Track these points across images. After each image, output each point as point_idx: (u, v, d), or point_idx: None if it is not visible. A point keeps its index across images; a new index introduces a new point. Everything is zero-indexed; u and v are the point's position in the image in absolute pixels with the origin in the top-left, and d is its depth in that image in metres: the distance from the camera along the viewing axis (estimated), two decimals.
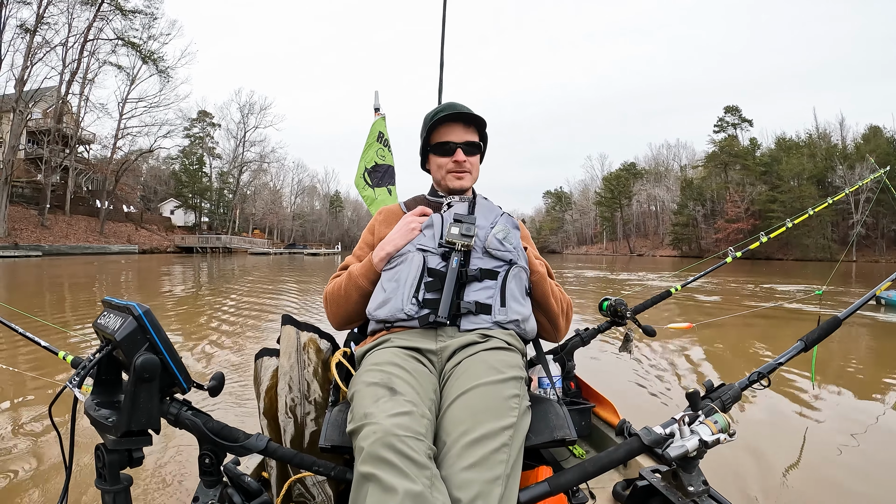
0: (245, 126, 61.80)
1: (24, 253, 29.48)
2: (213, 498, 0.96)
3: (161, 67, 43.82)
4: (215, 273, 19.28)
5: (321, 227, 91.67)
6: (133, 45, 41.82)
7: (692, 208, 62.14)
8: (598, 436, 1.77)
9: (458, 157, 1.45)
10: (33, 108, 36.06)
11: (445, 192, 1.52)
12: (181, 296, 10.64)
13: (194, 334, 5.70)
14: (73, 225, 39.48)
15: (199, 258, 34.85)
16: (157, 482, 2.12)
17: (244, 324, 6.40)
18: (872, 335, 6.29)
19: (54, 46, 36.88)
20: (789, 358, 1.30)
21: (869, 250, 46.68)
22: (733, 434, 0.98)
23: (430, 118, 1.47)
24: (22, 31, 35.06)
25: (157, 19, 42.12)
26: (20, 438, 2.59)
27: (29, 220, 36.07)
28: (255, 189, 69.41)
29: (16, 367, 3.91)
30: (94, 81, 41.35)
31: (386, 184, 2.91)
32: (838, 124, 55.92)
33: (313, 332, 1.40)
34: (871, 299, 1.56)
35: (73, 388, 0.82)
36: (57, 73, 37.70)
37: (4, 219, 32.66)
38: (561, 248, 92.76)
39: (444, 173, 1.47)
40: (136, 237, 44.42)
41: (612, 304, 1.85)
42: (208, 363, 4.35)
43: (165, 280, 15.12)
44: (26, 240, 32.97)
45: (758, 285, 13.01)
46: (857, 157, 48.18)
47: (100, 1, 38.27)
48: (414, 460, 0.84)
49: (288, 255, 50.17)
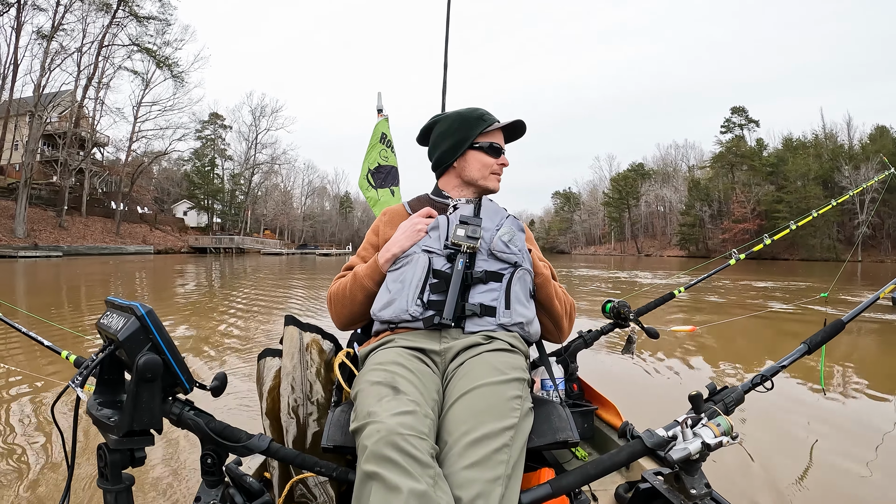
0: (257, 129, 62.25)
1: (45, 253, 29.80)
2: (215, 498, 0.96)
3: (175, 72, 44.20)
4: (238, 271, 19.57)
5: (331, 228, 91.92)
6: (148, 52, 42.24)
7: (699, 209, 61.83)
8: (601, 438, 1.75)
9: (504, 161, 1.49)
10: (51, 113, 36.48)
11: (468, 189, 1.51)
12: (224, 292, 10.93)
13: (246, 338, 5.71)
14: (89, 226, 39.87)
15: (213, 258, 35.11)
16: (159, 482, 2.11)
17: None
18: (884, 337, 6.17)
19: (71, 53, 37.43)
20: (792, 361, 1.28)
21: (875, 250, 46.37)
22: (736, 437, 0.96)
23: (479, 118, 1.46)
24: (39, 36, 35.55)
25: (170, 25, 42.56)
26: (21, 438, 2.58)
27: (47, 221, 36.47)
28: (266, 190, 69.72)
29: (17, 366, 3.91)
30: (110, 86, 41.85)
31: (389, 185, 2.90)
32: (846, 124, 55.53)
33: (316, 333, 1.40)
34: (875, 301, 1.53)
35: (75, 387, 0.82)
36: (72, 78, 38.29)
37: (24, 220, 33.05)
38: (569, 249, 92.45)
39: (488, 173, 1.48)
40: (150, 238, 44.77)
41: (615, 306, 1.82)
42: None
43: (197, 278, 15.44)
44: (45, 240, 33.32)
45: (761, 288, 12.88)
46: (862, 158, 47.74)
47: (115, 8, 38.67)
48: (418, 459, 0.83)
49: (300, 256, 50.44)
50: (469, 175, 1.48)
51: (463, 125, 1.46)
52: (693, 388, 1.08)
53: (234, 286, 12.72)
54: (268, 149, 63.64)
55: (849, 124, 55.30)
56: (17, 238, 31.89)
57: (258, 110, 62.33)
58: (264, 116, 62.21)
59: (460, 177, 1.50)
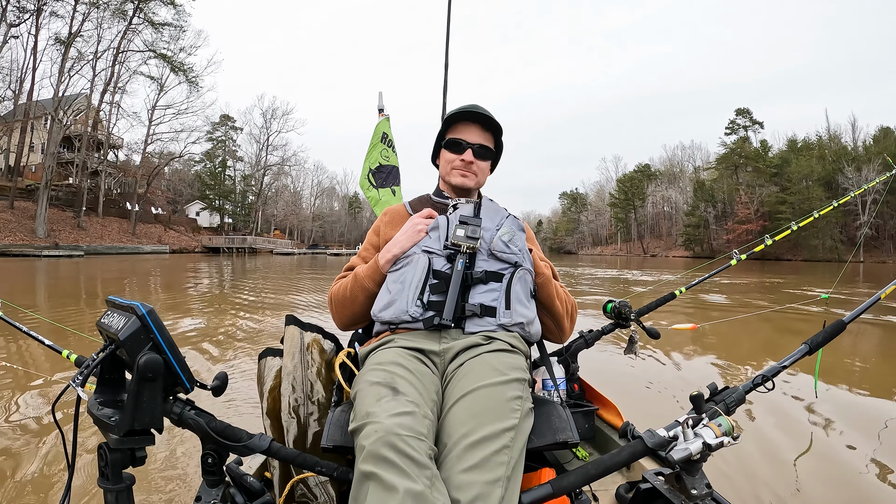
0: (268, 131, 62.49)
1: (67, 253, 30.12)
2: (216, 497, 0.95)
3: (191, 78, 44.49)
4: (259, 269, 19.95)
5: (340, 228, 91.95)
6: (164, 58, 42.53)
7: (703, 210, 61.47)
8: (602, 438, 1.72)
9: (466, 156, 1.43)
10: (71, 117, 36.88)
11: (448, 188, 1.50)
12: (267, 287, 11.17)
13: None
14: (106, 226, 40.22)
15: (226, 258, 35.31)
16: (160, 481, 2.08)
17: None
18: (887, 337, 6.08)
19: (89, 60, 37.80)
20: (793, 361, 1.26)
21: (877, 251, 46.00)
22: (737, 437, 0.94)
23: (449, 115, 1.45)
24: (56, 42, 35.94)
25: (185, 31, 42.85)
26: (22, 437, 2.55)
27: (65, 221, 36.84)
28: (276, 191, 69.96)
29: (18, 364, 3.89)
30: (126, 90, 42.20)
31: (390, 184, 2.87)
32: (850, 125, 55.02)
33: (317, 333, 1.38)
34: (876, 302, 1.50)
35: (76, 386, 0.81)
36: (88, 82, 38.69)
37: (45, 220, 33.42)
38: (576, 249, 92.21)
39: (450, 169, 1.45)
40: (165, 238, 45.07)
41: (616, 306, 1.80)
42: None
43: (229, 276, 15.75)
44: (65, 240, 33.69)
45: (763, 287, 12.77)
46: (864, 159, 47.31)
47: (131, 14, 38.99)
48: (415, 460, 0.82)
49: (311, 256, 50.67)
50: (441, 173, 1.49)
51: (443, 124, 1.48)
52: (694, 389, 1.05)
53: (268, 278, 13.07)
54: (279, 150, 63.97)
55: (853, 125, 54.83)
56: (38, 238, 32.26)
57: (269, 113, 62.64)
58: (275, 119, 62.51)
59: (440, 176, 1.51)
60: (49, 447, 2.41)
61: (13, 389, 3.32)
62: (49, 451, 2.37)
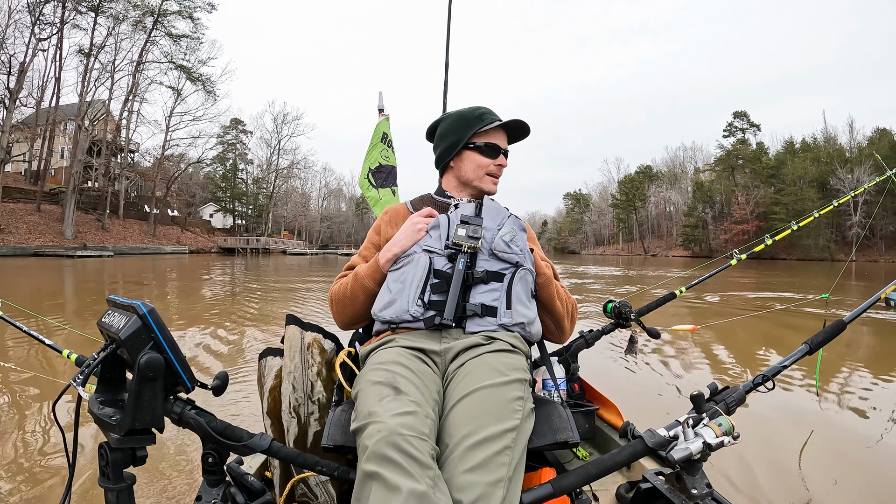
0: (279, 135, 62.63)
1: (97, 253, 30.56)
2: (216, 497, 0.92)
3: (209, 88, 44.86)
4: (278, 268, 19.96)
5: (348, 229, 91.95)
6: (183, 69, 42.95)
7: (702, 210, 61.23)
8: (602, 438, 1.69)
9: (502, 161, 1.40)
10: (96, 126, 37.36)
11: (462, 189, 1.44)
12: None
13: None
14: (127, 228, 40.59)
15: (241, 258, 35.54)
16: (160, 481, 2.05)
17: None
18: (882, 336, 6.00)
19: (111, 72, 38.28)
20: (794, 361, 1.22)
21: (870, 250, 45.81)
22: (737, 437, 0.91)
23: (478, 117, 1.38)
24: (80, 54, 36.37)
25: (202, 43, 43.21)
26: (22, 437, 2.54)
27: (90, 224, 37.23)
28: (286, 192, 70.13)
29: (19, 364, 3.88)
30: (145, 98, 42.59)
31: (389, 184, 2.83)
32: (848, 126, 54.50)
33: (317, 332, 1.36)
34: (876, 302, 1.45)
35: (76, 386, 0.79)
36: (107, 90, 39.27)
37: (72, 223, 33.85)
38: (579, 249, 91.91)
39: (483, 174, 1.40)
40: (183, 239, 45.44)
41: (617, 307, 1.76)
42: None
43: (268, 274, 15.99)
44: (91, 241, 34.14)
45: (763, 287, 12.66)
46: (857, 161, 46.96)
47: (150, 27, 39.40)
48: (418, 460, 0.80)
49: (322, 256, 50.95)
50: (465, 175, 1.41)
51: (462, 124, 1.40)
52: (694, 388, 1.02)
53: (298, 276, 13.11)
54: (289, 154, 64.13)
55: (851, 126, 54.26)
56: (66, 239, 32.67)
57: (280, 117, 62.72)
58: (286, 123, 62.62)
59: (457, 177, 1.44)
60: (49, 447, 2.40)
61: (13, 389, 3.30)
62: (49, 450, 2.36)
